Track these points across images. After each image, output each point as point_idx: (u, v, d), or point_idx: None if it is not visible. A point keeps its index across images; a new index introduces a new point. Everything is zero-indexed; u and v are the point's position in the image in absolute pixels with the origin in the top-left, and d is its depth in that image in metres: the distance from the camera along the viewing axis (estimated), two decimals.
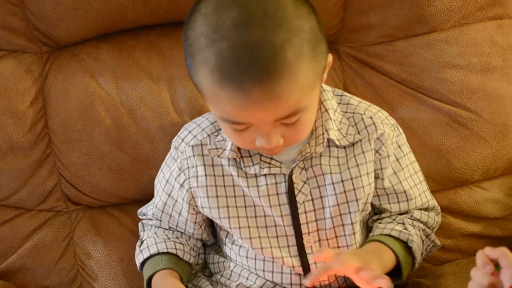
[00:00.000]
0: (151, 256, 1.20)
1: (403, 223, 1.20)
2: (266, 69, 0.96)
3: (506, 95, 1.34)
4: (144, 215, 1.29)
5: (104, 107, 1.34)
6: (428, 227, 1.24)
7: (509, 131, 1.34)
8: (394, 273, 1.15)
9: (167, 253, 1.20)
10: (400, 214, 1.22)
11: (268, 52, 0.96)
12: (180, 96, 1.34)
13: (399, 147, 1.21)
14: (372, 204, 1.22)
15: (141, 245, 1.23)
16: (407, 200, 1.21)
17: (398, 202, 1.21)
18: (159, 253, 1.20)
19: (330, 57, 1.09)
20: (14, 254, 1.35)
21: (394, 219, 1.21)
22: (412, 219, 1.22)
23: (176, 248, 1.21)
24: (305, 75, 1.00)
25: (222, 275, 1.23)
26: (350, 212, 1.16)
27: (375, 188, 1.20)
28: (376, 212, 1.24)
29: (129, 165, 1.34)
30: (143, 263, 1.22)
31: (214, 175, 1.17)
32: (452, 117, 1.34)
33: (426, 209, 1.24)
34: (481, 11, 1.34)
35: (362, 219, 1.20)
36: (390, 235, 1.17)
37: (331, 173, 1.15)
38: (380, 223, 1.21)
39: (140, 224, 1.29)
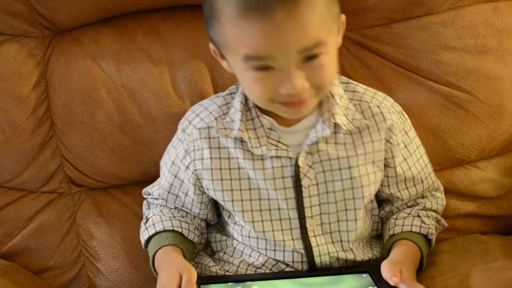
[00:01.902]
0: (156, 233, 1.22)
1: (419, 216, 1.22)
2: None
3: (501, 76, 1.35)
4: (149, 194, 1.30)
5: (105, 90, 1.35)
6: (438, 212, 1.27)
7: (504, 112, 1.36)
8: None
9: (172, 231, 1.21)
10: (411, 205, 1.25)
11: None
12: (180, 79, 1.36)
13: (406, 133, 1.22)
14: (380, 194, 1.24)
15: (146, 222, 1.25)
16: (415, 185, 1.23)
17: (407, 188, 1.23)
18: (164, 231, 1.21)
19: (343, 17, 1.12)
20: (18, 235, 1.37)
21: (409, 213, 1.23)
22: (426, 210, 1.24)
23: (181, 227, 1.22)
24: (324, 6, 1.04)
25: (225, 253, 1.24)
26: (354, 198, 1.18)
27: (386, 176, 1.22)
28: (386, 201, 1.26)
29: (130, 147, 1.36)
30: (148, 240, 1.23)
31: (220, 158, 1.18)
32: (448, 98, 1.35)
33: (432, 191, 1.26)
34: None
35: (364, 207, 1.21)
36: (411, 232, 1.20)
37: (338, 158, 1.17)
38: (396, 219, 1.23)
39: (145, 202, 1.30)
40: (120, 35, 1.37)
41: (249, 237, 1.22)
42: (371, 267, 1.17)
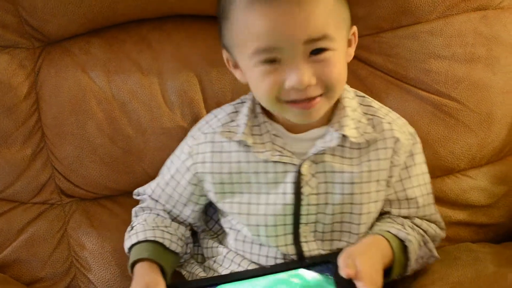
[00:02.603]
0: (138, 243, 1.22)
1: (403, 224, 1.21)
2: None
3: (490, 84, 1.35)
4: (139, 195, 1.30)
5: (96, 101, 1.35)
6: (429, 235, 1.23)
7: (494, 120, 1.36)
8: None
9: (154, 241, 1.22)
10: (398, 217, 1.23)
11: None
12: (170, 89, 1.36)
13: (412, 155, 1.21)
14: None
15: (130, 230, 1.25)
16: (409, 208, 1.22)
17: (400, 208, 1.22)
18: (146, 240, 1.22)
19: (354, 28, 1.14)
20: (9, 247, 1.37)
21: (394, 220, 1.22)
22: (413, 223, 1.23)
23: (164, 238, 1.22)
24: (331, 2, 1.06)
25: (215, 261, 1.25)
26: (351, 213, 1.17)
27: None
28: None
29: (121, 157, 1.36)
30: (130, 249, 1.23)
31: (221, 162, 1.19)
32: (438, 106, 1.35)
33: (428, 221, 1.25)
34: (465, 2, 1.35)
35: (365, 223, 1.19)
36: (388, 232, 1.18)
37: (342, 172, 1.16)
38: (379, 221, 1.22)
39: (133, 210, 1.31)
40: (110, 45, 1.37)
41: (243, 241, 1.22)
42: (333, 256, 1.13)
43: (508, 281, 1.16)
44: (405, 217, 1.23)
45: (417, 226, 1.23)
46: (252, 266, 1.21)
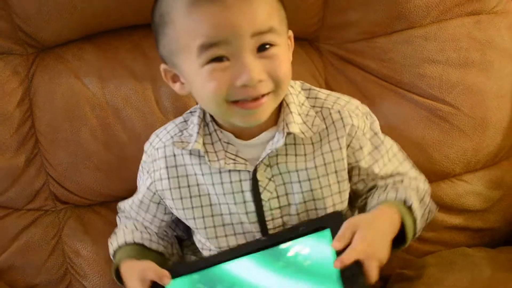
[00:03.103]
0: (119, 248, 1.22)
1: (395, 187, 1.16)
2: None
3: (484, 89, 1.35)
4: (121, 210, 1.30)
5: (89, 107, 1.35)
6: (419, 191, 1.19)
7: (488, 124, 1.36)
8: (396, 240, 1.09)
9: (134, 243, 1.22)
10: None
11: None
12: (164, 95, 1.36)
13: (376, 134, 1.19)
14: (358, 194, 1.21)
15: (112, 236, 1.26)
16: (393, 177, 1.19)
17: (386, 179, 1.19)
18: (126, 244, 1.22)
19: (291, 32, 1.14)
20: (4, 254, 1.36)
21: (385, 189, 1.17)
22: (403, 185, 1.18)
23: (142, 238, 1.22)
24: None
25: None
26: (316, 209, 1.16)
27: (358, 181, 1.19)
28: (367, 191, 1.21)
29: (115, 164, 1.36)
30: (114, 256, 1.24)
31: (178, 176, 1.17)
32: (432, 111, 1.35)
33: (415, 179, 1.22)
34: (459, 7, 1.35)
35: None
36: (386, 201, 1.14)
37: (297, 170, 1.14)
38: (372, 197, 1.18)
39: (117, 217, 1.31)
40: (103, 52, 1.37)
41: None
42: (329, 220, 1.10)
43: (503, 285, 1.16)
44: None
45: (407, 186, 1.17)
46: None
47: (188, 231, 1.28)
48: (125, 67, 1.36)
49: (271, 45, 1.06)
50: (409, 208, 1.12)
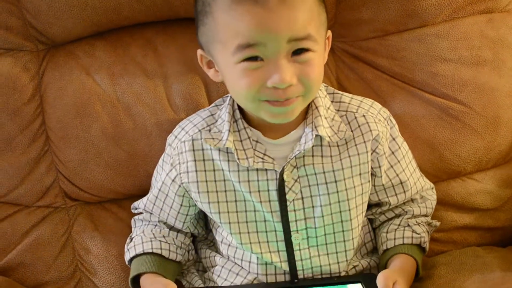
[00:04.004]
0: (137, 256, 1.23)
1: (409, 225, 1.23)
2: None
3: (497, 87, 1.35)
4: (136, 209, 1.30)
5: (100, 104, 1.35)
6: (428, 215, 1.27)
7: (500, 123, 1.36)
8: None
9: (152, 253, 1.22)
10: (399, 214, 1.25)
11: None
12: (175, 92, 1.35)
13: (394, 139, 1.22)
14: (369, 201, 1.24)
15: (129, 243, 1.26)
16: (404, 192, 1.23)
17: (396, 194, 1.23)
18: (144, 253, 1.22)
19: (329, 32, 1.14)
20: (14, 250, 1.36)
21: (399, 225, 1.24)
22: (415, 217, 1.25)
23: (161, 248, 1.22)
24: (314, 3, 1.08)
25: (213, 273, 1.24)
26: (341, 211, 1.18)
27: (374, 185, 1.22)
28: (373, 205, 1.26)
29: (126, 161, 1.36)
30: (130, 262, 1.24)
31: (205, 170, 1.18)
32: (444, 110, 1.35)
33: (422, 193, 1.27)
34: (472, 5, 1.35)
35: (356, 218, 1.20)
36: (404, 244, 1.21)
37: (323, 172, 1.17)
38: (387, 232, 1.23)
39: (132, 220, 1.31)
40: (114, 48, 1.37)
41: (234, 257, 1.22)
42: (364, 277, 1.17)
43: None
44: (402, 207, 1.25)
45: (418, 216, 1.25)
46: (251, 276, 1.20)
47: (207, 227, 1.29)
48: (137, 64, 1.36)
49: (306, 50, 1.07)
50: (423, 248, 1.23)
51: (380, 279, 1.11)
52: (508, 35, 1.36)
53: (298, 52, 1.07)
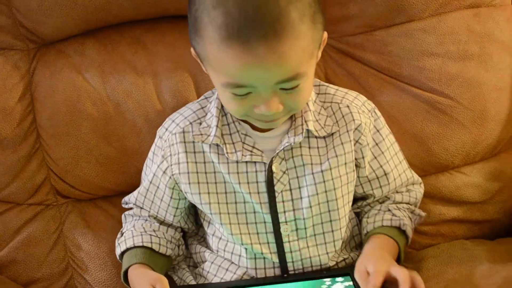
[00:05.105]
0: (127, 250, 1.23)
1: (389, 210, 1.23)
2: (272, 26, 1.00)
3: (484, 81, 1.36)
4: (126, 203, 1.31)
5: (90, 102, 1.36)
6: (411, 204, 1.27)
7: (487, 117, 1.36)
8: None
9: (143, 246, 1.22)
10: (382, 201, 1.26)
11: (274, 11, 1.00)
12: (165, 89, 1.36)
13: (378, 131, 1.23)
14: (355, 194, 1.25)
15: (120, 237, 1.26)
16: (389, 183, 1.24)
17: (381, 186, 1.24)
18: (134, 247, 1.23)
19: (325, 34, 1.12)
20: (5, 248, 1.37)
21: (379, 209, 1.24)
22: (396, 203, 1.25)
23: (151, 242, 1.23)
24: (306, 39, 1.04)
25: (203, 268, 1.25)
26: (328, 201, 1.19)
27: (358, 176, 1.22)
28: (359, 198, 1.27)
29: (116, 157, 1.36)
30: (121, 256, 1.25)
31: (196, 162, 1.19)
32: (432, 104, 1.35)
33: (408, 186, 1.27)
34: (458, 0, 1.36)
35: (343, 207, 1.21)
36: (383, 226, 1.20)
37: (311, 163, 1.18)
38: (368, 217, 1.24)
39: (122, 216, 1.31)
40: (104, 46, 1.38)
41: (224, 250, 1.23)
42: (352, 269, 1.16)
43: (502, 277, 1.16)
44: (386, 198, 1.25)
45: (399, 202, 1.25)
46: (241, 270, 1.21)
47: (197, 223, 1.30)
48: (126, 62, 1.37)
49: (296, 85, 1.07)
50: (403, 231, 1.21)
51: (355, 274, 1.12)
52: (495, 29, 1.37)
53: (287, 87, 1.07)
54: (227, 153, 1.17)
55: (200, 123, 1.20)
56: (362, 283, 1.10)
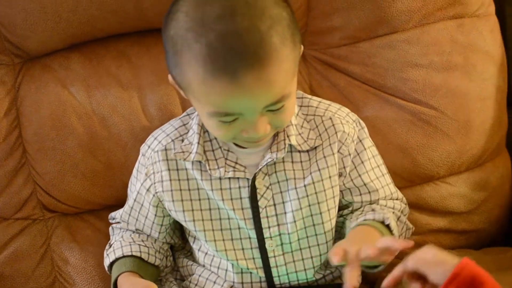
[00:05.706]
0: (117, 260, 1.23)
1: (373, 210, 1.20)
2: (256, 54, 0.99)
3: (468, 92, 1.36)
4: (113, 219, 1.31)
5: (76, 116, 1.36)
6: (396, 210, 1.24)
7: (472, 127, 1.36)
8: None
9: (132, 256, 1.22)
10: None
11: (256, 38, 0.99)
12: (150, 103, 1.36)
13: (360, 141, 1.22)
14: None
15: (108, 249, 1.26)
16: (369, 192, 1.22)
17: (361, 194, 1.22)
18: (124, 256, 1.22)
19: (301, 47, 1.12)
20: None
21: (362, 210, 1.22)
22: (380, 205, 1.23)
23: (140, 251, 1.23)
24: (289, 60, 1.04)
25: (190, 281, 1.25)
26: (312, 215, 1.18)
27: (339, 185, 1.21)
28: (342, 207, 1.25)
29: (102, 171, 1.36)
30: (110, 267, 1.24)
31: (179, 179, 1.19)
32: (416, 115, 1.36)
33: (391, 199, 1.25)
34: (441, 11, 1.36)
35: (329, 221, 1.20)
36: (365, 220, 1.17)
37: (294, 178, 1.17)
38: (350, 219, 1.22)
39: (110, 228, 1.31)
40: (89, 61, 1.38)
41: (210, 265, 1.23)
42: (340, 286, 1.17)
43: None
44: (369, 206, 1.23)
45: (383, 206, 1.23)
46: (228, 284, 1.21)
47: (184, 238, 1.30)
48: (111, 76, 1.37)
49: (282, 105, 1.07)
50: (387, 226, 1.16)
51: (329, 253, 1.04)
52: (478, 40, 1.37)
53: (273, 108, 1.07)
54: (209, 169, 1.17)
55: (182, 140, 1.20)
56: (333, 258, 1.00)
